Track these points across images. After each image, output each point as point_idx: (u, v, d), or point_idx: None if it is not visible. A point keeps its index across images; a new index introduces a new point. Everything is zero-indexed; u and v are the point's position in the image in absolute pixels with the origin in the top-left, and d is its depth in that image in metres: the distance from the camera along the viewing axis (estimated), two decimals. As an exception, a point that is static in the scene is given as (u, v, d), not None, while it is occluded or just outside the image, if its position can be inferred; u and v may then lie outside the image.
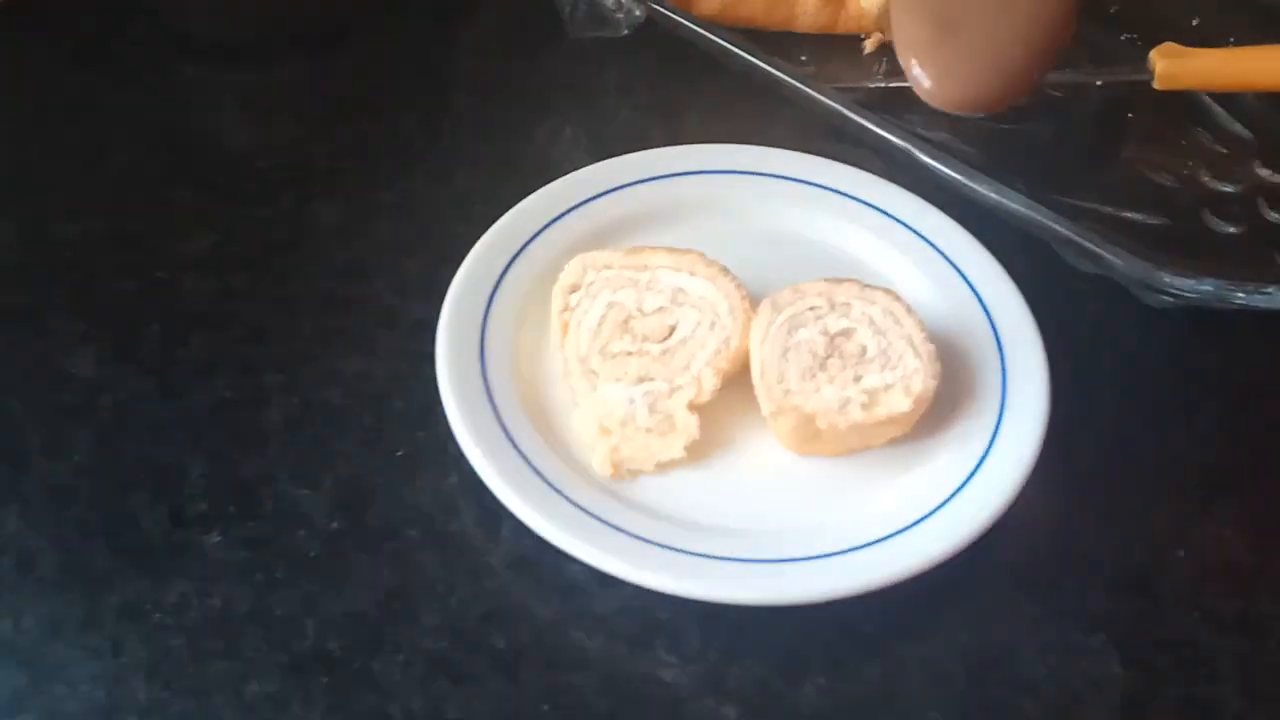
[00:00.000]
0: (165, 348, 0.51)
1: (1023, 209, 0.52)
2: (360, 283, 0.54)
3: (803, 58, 0.63)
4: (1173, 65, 0.58)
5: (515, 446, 0.45)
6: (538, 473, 0.44)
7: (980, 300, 0.50)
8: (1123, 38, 0.64)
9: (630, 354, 0.47)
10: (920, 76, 0.35)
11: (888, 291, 0.48)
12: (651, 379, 0.47)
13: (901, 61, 0.34)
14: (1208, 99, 0.61)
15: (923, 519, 0.43)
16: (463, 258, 0.51)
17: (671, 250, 0.49)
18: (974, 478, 0.45)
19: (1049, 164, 0.58)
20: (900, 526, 0.43)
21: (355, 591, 0.44)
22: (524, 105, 0.63)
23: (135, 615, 0.43)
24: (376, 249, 0.56)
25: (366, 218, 0.57)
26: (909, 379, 0.45)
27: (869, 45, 0.64)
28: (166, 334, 0.52)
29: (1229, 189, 0.58)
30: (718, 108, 0.63)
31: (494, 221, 0.52)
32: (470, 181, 0.59)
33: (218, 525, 0.46)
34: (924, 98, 0.36)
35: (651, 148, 0.56)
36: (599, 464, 0.46)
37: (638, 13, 0.62)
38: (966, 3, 0.35)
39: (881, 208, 0.53)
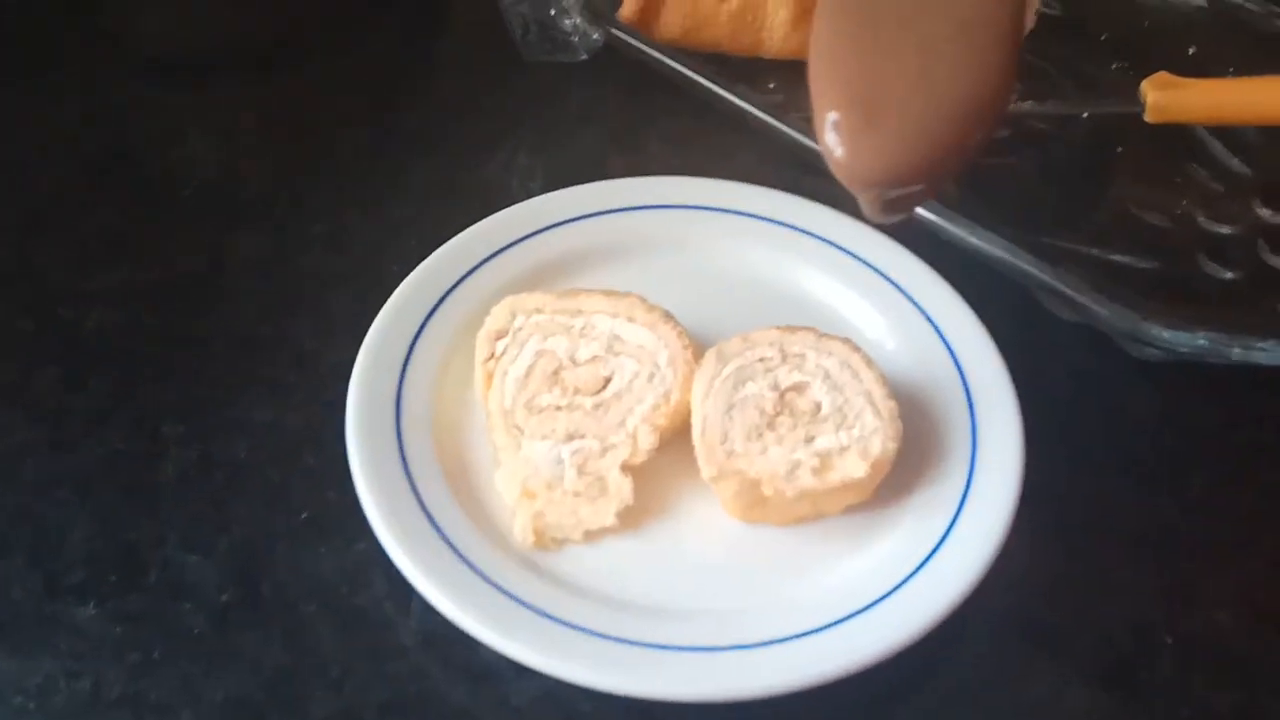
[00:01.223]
0: (59, 393, 0.47)
1: (1000, 252, 0.48)
2: (279, 322, 0.50)
3: (771, 85, 0.59)
4: (1166, 97, 0.54)
5: (425, 511, 0.40)
6: (448, 542, 0.40)
7: (950, 351, 0.46)
8: (1114, 66, 0.60)
9: (559, 408, 0.43)
10: (833, 147, 0.31)
11: (845, 341, 0.43)
12: (582, 436, 0.42)
13: (815, 131, 0.30)
14: (1204, 133, 0.57)
15: (875, 603, 0.39)
16: (393, 296, 0.47)
17: (609, 294, 0.44)
18: (936, 555, 0.40)
19: (1032, 202, 0.54)
20: (851, 610, 0.38)
21: (240, 674, 0.39)
22: (474, 131, 0.59)
23: (-7, 698, 0.39)
24: (301, 284, 0.52)
25: (293, 250, 0.53)
26: (867, 440, 0.41)
27: (840, 72, 0.60)
28: (63, 377, 0.48)
29: (1226, 230, 0.53)
30: (682, 136, 0.59)
31: (437, 249, 0.48)
32: (409, 212, 0.55)
33: (94, 595, 0.41)
34: (836, 173, 0.32)
35: (610, 178, 0.52)
36: (520, 532, 0.41)
37: (595, 36, 0.58)
38: (890, 69, 0.30)
39: (845, 247, 0.49)
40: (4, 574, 0.42)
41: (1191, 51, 0.60)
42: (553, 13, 0.57)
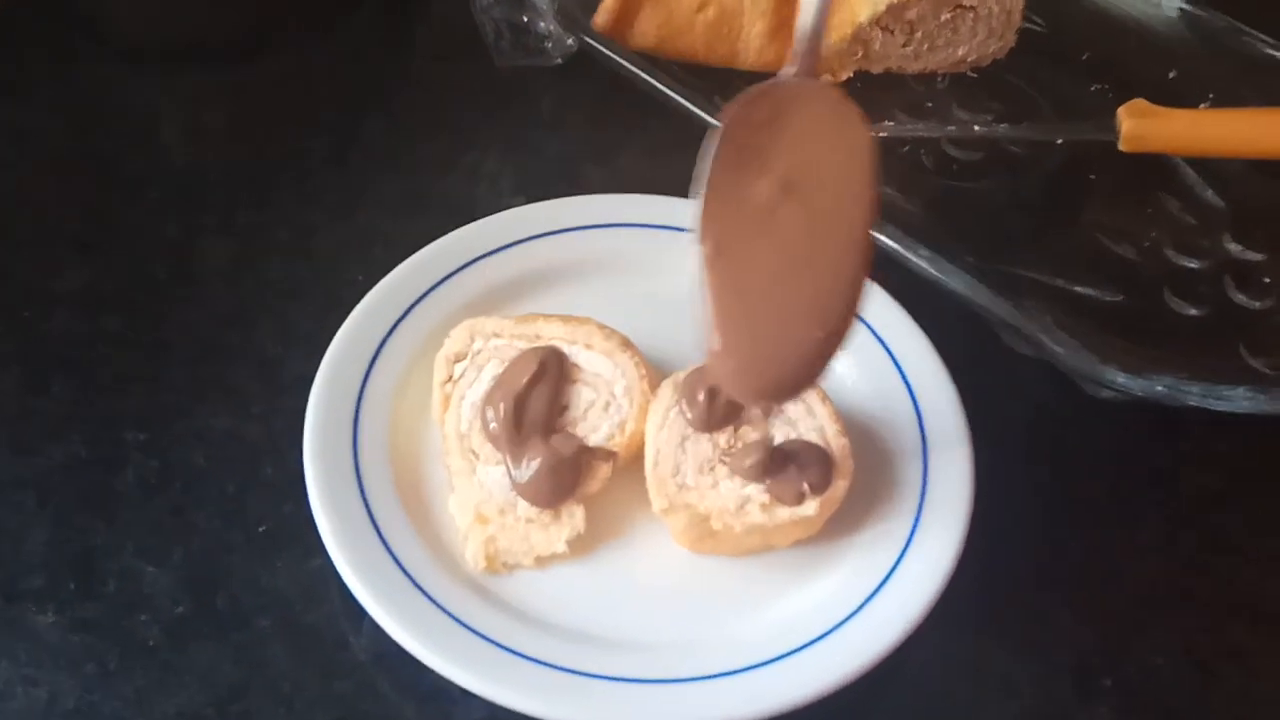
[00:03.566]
0: (22, 396, 0.47)
1: (960, 286, 0.48)
2: (243, 329, 0.50)
3: (747, 97, 0.59)
4: (1141, 126, 0.54)
5: (377, 530, 0.41)
6: (399, 564, 0.40)
7: (908, 386, 0.46)
8: (1093, 88, 0.60)
9: (515, 434, 0.43)
10: (717, 363, 0.36)
11: (802, 376, 0.44)
12: (537, 463, 0.43)
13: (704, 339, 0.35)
14: (1179, 162, 0.57)
15: (815, 640, 0.39)
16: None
17: (567, 319, 0.45)
18: (879, 593, 0.40)
19: (999, 228, 0.54)
20: (792, 647, 0.39)
21: (192, 688, 0.40)
22: (444, 137, 0.59)
23: (-52, 703, 0.39)
24: (265, 292, 0.52)
25: (258, 256, 0.53)
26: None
27: (818, 87, 0.59)
28: (25, 380, 0.48)
29: (1194, 265, 0.53)
30: (658, 146, 0.58)
31: (397, 266, 0.48)
32: (376, 220, 0.55)
33: (53, 602, 0.42)
34: (720, 382, 0.37)
35: (582, 187, 0.52)
36: (472, 555, 0.42)
37: (569, 41, 0.58)
38: (766, 293, 0.36)
39: (809, 275, 0.49)
40: (-38, 579, 0.42)
41: (1172, 75, 0.59)
42: (526, 18, 0.57)
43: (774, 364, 0.35)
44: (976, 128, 0.57)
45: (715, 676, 0.39)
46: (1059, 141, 0.56)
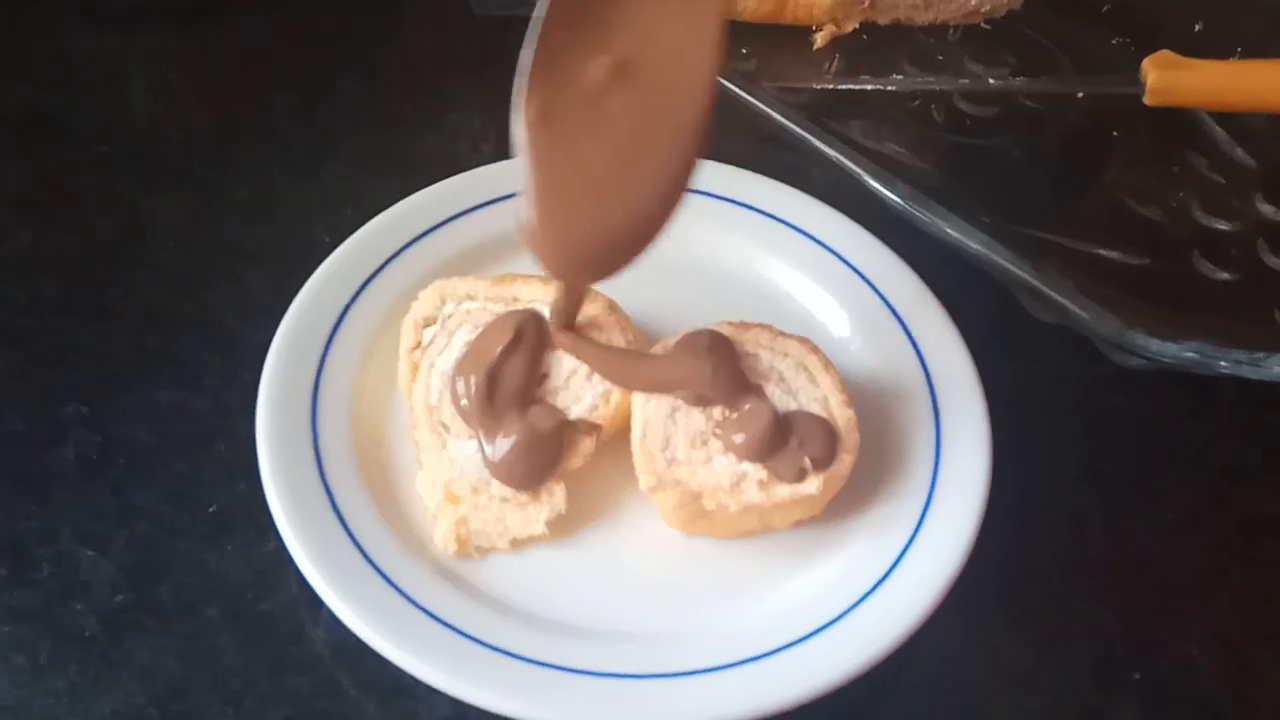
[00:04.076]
0: (-46, 367, 0.44)
1: (978, 246, 0.44)
2: (196, 296, 0.46)
3: (744, 50, 0.55)
4: (1168, 78, 0.50)
5: (336, 511, 0.37)
6: (360, 548, 0.36)
7: (919, 354, 0.42)
8: (1114, 41, 0.56)
9: (490, 405, 0.39)
10: (529, 234, 0.35)
11: (803, 341, 0.40)
12: (513, 437, 0.39)
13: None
14: (1207, 119, 0.53)
15: (820, 630, 0.36)
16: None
17: (547, 281, 0.41)
18: (889, 578, 0.37)
19: (1017, 188, 0.50)
20: (794, 638, 0.36)
21: (131, 684, 0.36)
22: (419, 91, 0.55)
23: None
24: (222, 255, 0.48)
25: (216, 217, 0.49)
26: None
27: (819, 39, 0.56)
28: (-42, 350, 0.44)
29: (1224, 227, 0.50)
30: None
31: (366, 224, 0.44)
32: (344, 179, 0.51)
33: (-18, 591, 0.38)
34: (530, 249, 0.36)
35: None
36: (441, 539, 0.38)
37: (552, -13, 0.54)
38: (586, 170, 0.35)
39: (811, 233, 0.45)
40: (-115, 562, 0.39)
41: (1198, 28, 0.56)
42: (506, -39, 0.53)
43: (584, 244, 0.35)
44: (992, 81, 0.53)
45: (708, 671, 0.35)
46: (1080, 96, 0.53)
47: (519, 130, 0.34)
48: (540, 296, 0.40)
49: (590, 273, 0.37)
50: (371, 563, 0.36)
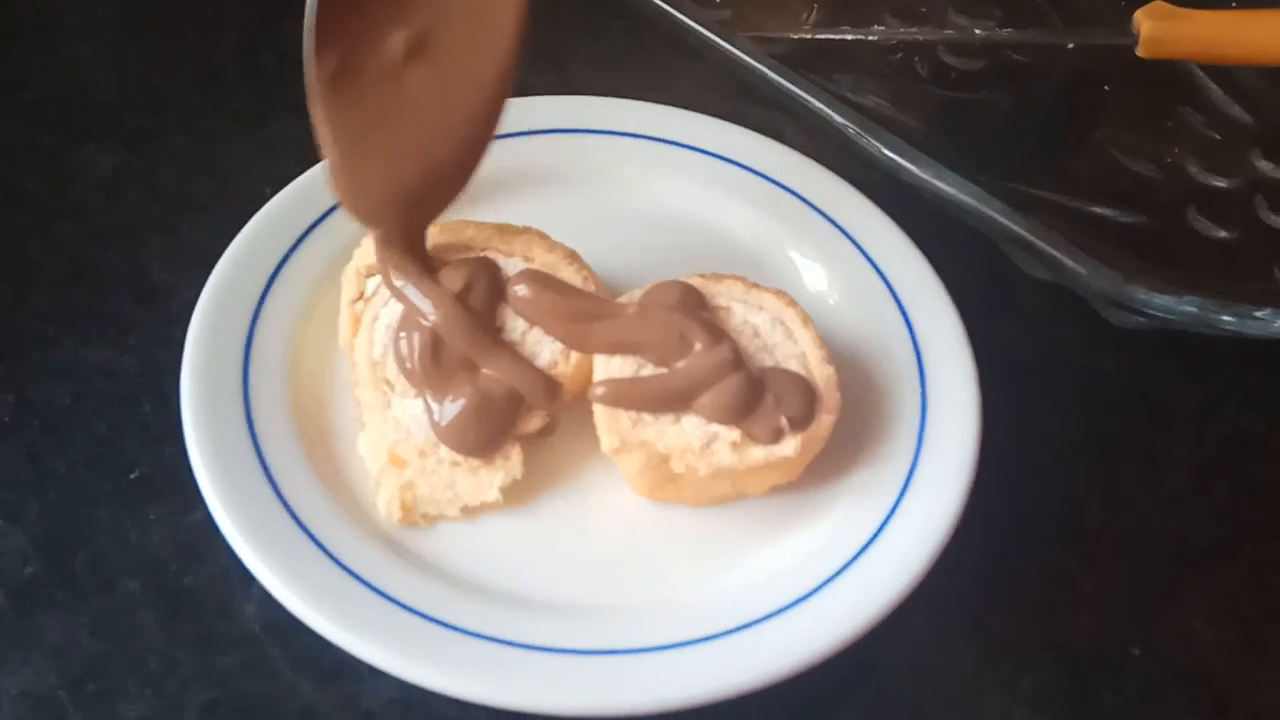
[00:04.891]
0: None
1: (967, 198, 0.42)
2: (125, 248, 0.43)
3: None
4: (1161, 28, 0.48)
5: (268, 475, 0.34)
6: (293, 515, 0.33)
7: (903, 311, 0.39)
8: (1103, -8, 0.54)
9: (439, 361, 0.36)
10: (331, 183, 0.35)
11: (779, 294, 0.37)
12: (465, 395, 0.36)
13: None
14: (1201, 73, 0.51)
15: (796, 603, 0.33)
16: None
17: (503, 229, 0.38)
18: (869, 549, 0.34)
19: (1005, 143, 0.48)
20: (768, 611, 0.33)
21: (40, 664, 0.33)
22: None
23: None
24: (154, 206, 0.44)
25: (149, 166, 0.46)
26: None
27: (796, -13, 0.53)
28: None
29: (1221, 184, 0.47)
30: (617, 55, 0.52)
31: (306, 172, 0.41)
32: (289, 128, 0.47)
33: (-125, 563, 0.35)
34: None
35: (530, 93, 0.45)
36: (385, 506, 0.35)
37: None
38: (382, 125, 0.35)
39: (786, 184, 0.42)
40: None
41: (1194, -21, 0.54)
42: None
43: (387, 191, 0.35)
44: (978, 32, 0.51)
45: (675, 646, 0.32)
46: (1070, 48, 0.50)
47: (312, 77, 0.33)
48: (496, 245, 0.37)
49: (398, 219, 0.36)
50: (307, 532, 0.33)
